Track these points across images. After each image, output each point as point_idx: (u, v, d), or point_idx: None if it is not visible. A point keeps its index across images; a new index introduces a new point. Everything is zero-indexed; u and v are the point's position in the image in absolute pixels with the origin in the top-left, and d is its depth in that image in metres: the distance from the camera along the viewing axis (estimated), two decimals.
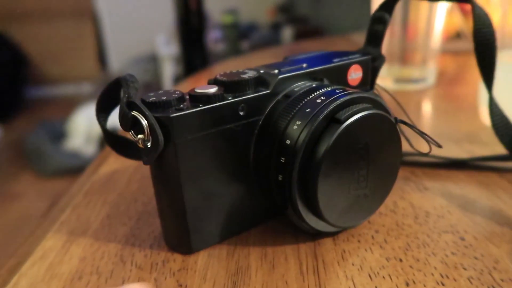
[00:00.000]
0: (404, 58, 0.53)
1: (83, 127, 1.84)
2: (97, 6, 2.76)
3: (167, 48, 2.40)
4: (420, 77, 0.52)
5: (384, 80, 0.52)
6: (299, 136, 0.20)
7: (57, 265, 0.22)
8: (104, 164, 0.34)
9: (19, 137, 2.06)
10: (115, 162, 0.35)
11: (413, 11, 0.50)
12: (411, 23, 0.51)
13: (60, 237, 0.25)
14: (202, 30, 1.22)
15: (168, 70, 2.40)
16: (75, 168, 1.59)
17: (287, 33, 2.14)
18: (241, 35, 2.27)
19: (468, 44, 0.70)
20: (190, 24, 1.20)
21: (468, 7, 0.75)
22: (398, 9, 0.50)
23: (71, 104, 2.22)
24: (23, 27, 2.71)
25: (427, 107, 0.46)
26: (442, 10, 0.50)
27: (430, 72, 0.52)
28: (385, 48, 0.28)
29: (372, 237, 0.23)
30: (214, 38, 2.22)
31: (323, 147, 0.19)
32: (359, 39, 0.27)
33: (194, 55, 1.22)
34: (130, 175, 0.32)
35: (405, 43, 0.52)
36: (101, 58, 2.89)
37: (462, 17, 0.73)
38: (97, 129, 1.77)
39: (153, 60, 2.61)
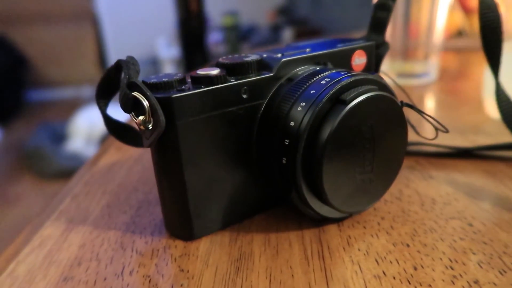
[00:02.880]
0: (406, 53, 0.52)
1: (84, 129, 1.84)
2: (97, 9, 2.76)
3: (168, 51, 2.40)
4: (422, 72, 0.52)
5: (387, 73, 0.52)
6: (303, 118, 0.19)
7: (56, 252, 0.22)
8: (104, 156, 0.34)
9: (20, 140, 2.06)
10: (115, 153, 0.34)
11: (415, 7, 0.50)
12: (413, 19, 0.50)
13: (59, 225, 0.24)
14: (202, 32, 1.22)
15: None
16: (76, 170, 1.58)
17: (287, 34, 2.15)
18: (241, 37, 2.27)
19: (470, 42, 0.70)
20: (191, 26, 1.20)
21: (469, 4, 0.75)
22: (400, 5, 0.50)
23: (71, 107, 2.22)
24: (24, 30, 2.71)
25: (430, 101, 0.46)
26: (444, 5, 0.49)
27: (432, 67, 0.52)
28: None
29: (378, 223, 0.22)
30: (214, 40, 2.22)
31: (327, 129, 0.19)
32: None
33: (195, 57, 1.22)
34: (130, 166, 0.32)
35: (407, 38, 0.51)
36: (102, 61, 2.89)
37: (464, 15, 0.73)
38: (97, 130, 1.77)
39: (154, 62, 2.61)
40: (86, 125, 1.83)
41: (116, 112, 0.23)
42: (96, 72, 2.85)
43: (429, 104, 0.45)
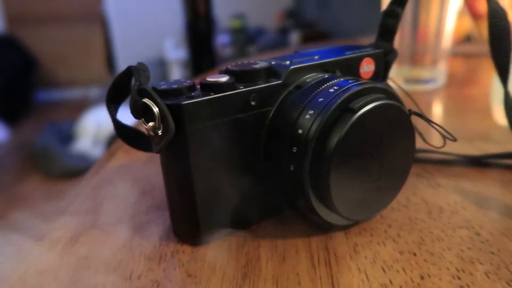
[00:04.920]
0: (414, 59, 0.52)
1: (91, 129, 1.85)
2: (106, 10, 2.79)
3: (175, 53, 2.42)
4: (430, 77, 0.52)
5: (394, 80, 0.52)
6: (311, 126, 0.19)
7: (65, 255, 0.22)
8: (112, 159, 0.34)
9: (28, 139, 2.08)
10: (123, 157, 0.34)
11: (423, 12, 0.50)
12: (421, 24, 0.50)
13: (68, 228, 0.24)
14: (210, 35, 1.23)
15: (176, 75, 2.42)
16: (83, 170, 1.58)
17: (294, 37, 2.15)
18: (249, 39, 2.28)
19: (478, 48, 0.70)
20: (199, 29, 1.20)
21: (478, 10, 0.75)
22: (408, 10, 0.50)
23: (79, 108, 2.24)
24: (34, 31, 2.74)
25: (438, 107, 0.45)
26: (452, 11, 0.49)
27: (440, 73, 0.52)
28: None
29: (385, 231, 0.22)
30: (222, 43, 2.23)
31: (336, 137, 0.19)
32: (367, 43, 0.26)
33: (202, 59, 1.22)
34: (138, 169, 0.32)
35: (415, 44, 0.51)
36: (110, 62, 2.91)
37: (472, 20, 0.73)
38: (105, 131, 1.78)
39: (161, 64, 2.63)
40: (94, 126, 1.84)
41: (125, 115, 0.23)
42: (104, 73, 2.87)
43: (437, 111, 0.44)
